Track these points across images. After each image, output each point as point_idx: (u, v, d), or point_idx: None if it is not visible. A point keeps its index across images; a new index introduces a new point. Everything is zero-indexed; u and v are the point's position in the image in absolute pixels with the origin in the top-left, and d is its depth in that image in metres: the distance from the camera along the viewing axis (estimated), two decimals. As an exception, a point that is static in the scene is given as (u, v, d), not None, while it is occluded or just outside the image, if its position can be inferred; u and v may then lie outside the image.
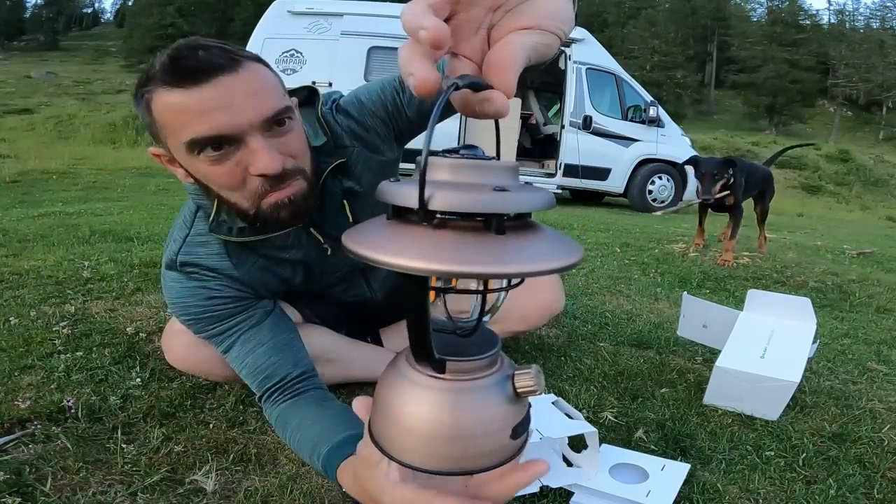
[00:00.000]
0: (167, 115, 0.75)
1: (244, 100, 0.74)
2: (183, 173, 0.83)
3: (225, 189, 0.80)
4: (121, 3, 54.23)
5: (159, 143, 0.80)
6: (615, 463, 0.94)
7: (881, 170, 19.14)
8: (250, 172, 0.77)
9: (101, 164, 7.74)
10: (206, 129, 0.73)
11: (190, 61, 0.73)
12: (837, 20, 44.39)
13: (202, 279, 0.91)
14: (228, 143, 0.75)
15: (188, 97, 0.72)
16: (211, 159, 0.76)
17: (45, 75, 24.26)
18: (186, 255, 0.90)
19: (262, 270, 0.94)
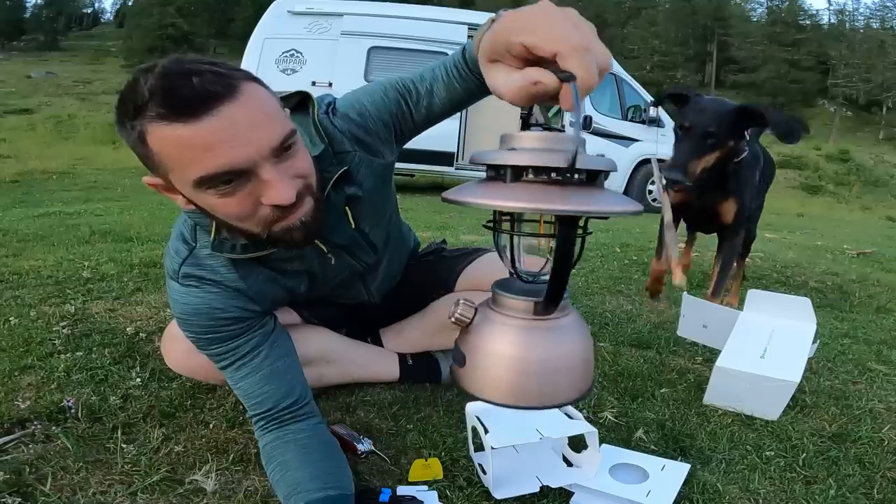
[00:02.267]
0: (168, 150, 0.69)
1: (250, 130, 0.70)
2: (183, 201, 0.77)
3: (233, 219, 0.76)
4: (121, 3, 54.23)
5: (156, 174, 0.75)
6: (615, 463, 0.94)
7: (881, 170, 19.14)
8: (263, 203, 0.73)
9: (101, 164, 7.75)
10: (215, 165, 0.69)
11: (184, 91, 0.66)
12: (837, 20, 44.38)
13: (208, 294, 0.87)
14: (237, 177, 0.71)
15: (189, 131, 0.67)
16: (220, 193, 0.71)
17: (45, 75, 24.25)
18: (192, 266, 0.87)
19: (268, 282, 0.92)
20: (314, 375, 1.10)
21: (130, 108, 0.68)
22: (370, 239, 1.01)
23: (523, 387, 0.49)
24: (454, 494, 0.87)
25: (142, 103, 0.67)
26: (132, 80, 0.69)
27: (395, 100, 0.91)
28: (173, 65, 0.69)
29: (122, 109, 0.70)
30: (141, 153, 0.72)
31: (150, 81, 0.67)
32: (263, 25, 6.26)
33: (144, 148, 0.70)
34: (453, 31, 6.34)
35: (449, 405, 1.15)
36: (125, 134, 0.72)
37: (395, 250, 1.16)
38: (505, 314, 0.51)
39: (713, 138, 1.54)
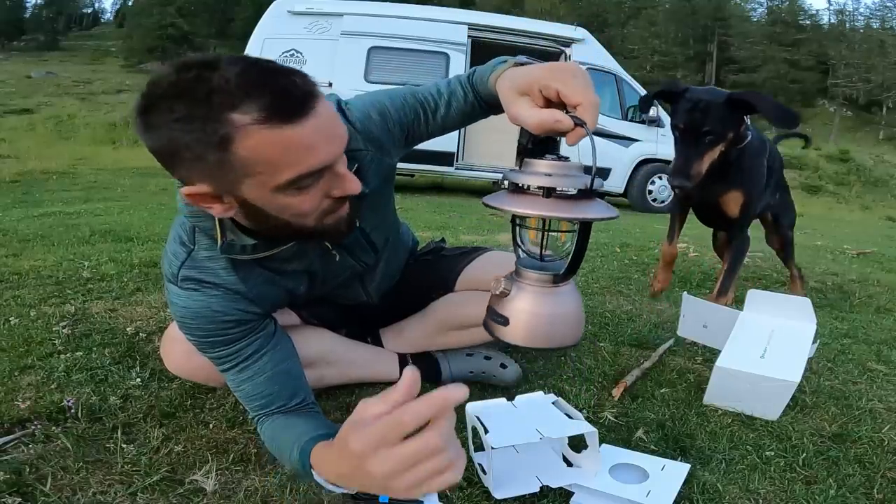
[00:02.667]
0: (266, 154, 0.66)
1: (335, 126, 0.72)
2: (222, 209, 0.74)
3: (295, 215, 0.75)
4: (121, 3, 54.21)
5: (210, 181, 0.70)
6: (615, 463, 0.94)
7: (881, 170, 19.13)
8: (334, 195, 0.75)
9: (101, 164, 7.75)
10: (313, 164, 0.69)
11: (295, 90, 0.66)
12: (837, 20, 44.37)
13: (208, 297, 0.86)
14: (322, 173, 0.72)
15: (296, 132, 0.66)
16: (300, 191, 0.71)
17: (45, 75, 24.25)
18: (191, 269, 0.86)
19: (267, 283, 0.91)
20: (314, 377, 1.10)
21: (216, 102, 0.63)
22: (370, 239, 1.03)
23: (552, 333, 0.68)
24: (454, 494, 0.87)
25: (237, 101, 0.63)
26: (195, 72, 0.64)
27: (414, 107, 0.95)
28: (250, 62, 0.67)
29: (192, 105, 0.64)
30: (210, 160, 0.66)
31: (240, 78, 0.64)
32: (263, 25, 6.27)
33: (222, 153, 0.65)
34: (453, 31, 6.35)
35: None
36: (200, 143, 0.65)
37: (393, 251, 1.17)
38: (533, 285, 0.69)
39: (710, 135, 1.52)
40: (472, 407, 0.96)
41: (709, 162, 1.55)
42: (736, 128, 1.55)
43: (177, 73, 0.65)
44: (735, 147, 1.60)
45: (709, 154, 1.54)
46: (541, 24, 7.37)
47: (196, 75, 0.64)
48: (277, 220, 0.76)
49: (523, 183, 0.65)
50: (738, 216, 1.70)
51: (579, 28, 6.80)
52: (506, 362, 1.25)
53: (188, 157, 0.67)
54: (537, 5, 35.89)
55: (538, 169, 0.66)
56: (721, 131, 1.52)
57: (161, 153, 0.68)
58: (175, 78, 0.65)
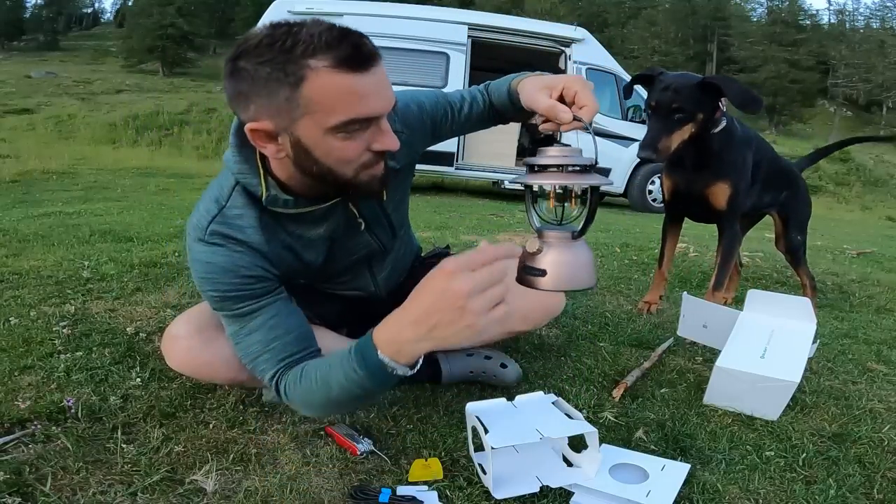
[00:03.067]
0: (329, 94, 0.78)
1: (387, 87, 0.84)
2: (275, 149, 0.84)
3: (341, 162, 0.84)
4: (121, 3, 54.20)
5: (275, 119, 0.81)
6: (615, 463, 0.94)
7: (881, 170, 19.13)
8: (373, 149, 0.85)
9: (101, 164, 7.75)
10: (364, 111, 0.81)
11: (364, 47, 0.79)
12: (837, 20, 44.39)
13: (233, 253, 0.91)
14: (368, 123, 0.83)
15: (357, 80, 0.79)
16: (346, 136, 0.82)
17: (45, 75, 24.23)
18: (220, 225, 0.91)
19: (286, 249, 0.97)
20: None
21: (298, 51, 0.77)
22: (390, 218, 1.09)
23: (581, 277, 0.83)
24: (454, 494, 0.87)
25: (316, 50, 0.77)
26: (287, 28, 0.78)
27: (444, 106, 1.11)
28: (331, 24, 0.81)
29: (278, 53, 0.77)
30: (283, 96, 0.78)
31: (324, 34, 0.78)
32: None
33: (292, 91, 0.78)
34: (453, 31, 6.35)
35: (449, 405, 1.15)
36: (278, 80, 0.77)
37: (403, 244, 1.22)
38: (560, 241, 0.83)
39: (680, 113, 1.56)
40: (472, 407, 0.96)
41: (679, 140, 1.59)
42: (708, 110, 1.60)
43: (271, 28, 0.80)
44: (709, 132, 1.64)
45: (679, 132, 1.58)
46: (541, 24, 7.37)
47: (286, 30, 0.79)
48: (321, 166, 0.85)
49: (543, 164, 0.81)
50: (725, 208, 1.73)
51: (579, 28, 6.80)
52: (506, 362, 1.25)
53: (263, 93, 0.79)
54: (537, 5, 35.90)
55: (552, 153, 0.81)
56: (691, 110, 1.57)
57: (240, 93, 0.81)
58: (269, 31, 0.79)
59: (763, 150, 1.84)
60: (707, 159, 1.68)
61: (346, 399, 0.87)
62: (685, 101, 1.55)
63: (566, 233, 0.84)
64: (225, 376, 1.03)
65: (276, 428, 1.03)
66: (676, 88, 1.55)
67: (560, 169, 0.81)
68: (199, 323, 1.02)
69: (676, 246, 2.00)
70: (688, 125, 1.59)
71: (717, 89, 1.56)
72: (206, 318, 1.03)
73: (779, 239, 2.06)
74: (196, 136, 14.14)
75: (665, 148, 1.58)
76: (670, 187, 1.81)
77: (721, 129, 1.65)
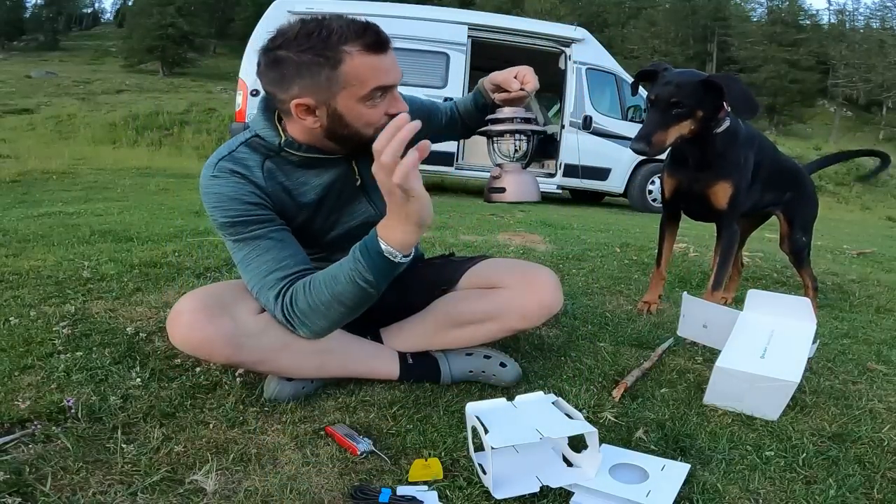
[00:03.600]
0: (362, 70, 1.00)
1: (397, 64, 1.06)
2: (313, 120, 1.04)
3: (365, 124, 1.04)
4: (121, 3, 54.19)
5: (317, 95, 1.01)
6: (615, 463, 0.94)
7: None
8: (389, 112, 1.03)
9: (101, 164, 7.75)
10: (387, 80, 1.03)
11: (381, 35, 1.02)
12: (837, 20, 44.36)
13: (237, 184, 1.07)
14: (387, 91, 1.05)
15: (381, 60, 1.02)
16: (372, 103, 1.03)
17: (45, 75, 24.22)
18: (228, 162, 1.08)
19: (284, 192, 1.11)
20: (315, 364, 1.13)
21: (334, 40, 0.98)
22: None
23: (531, 191, 1.22)
24: (454, 494, 0.87)
25: (348, 39, 0.99)
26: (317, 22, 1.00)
27: (436, 115, 1.39)
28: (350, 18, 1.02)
29: (316, 42, 0.98)
30: (324, 76, 0.99)
31: (351, 26, 1.00)
32: (263, 25, 6.25)
33: (331, 71, 0.99)
34: (453, 31, 6.35)
35: (449, 405, 1.15)
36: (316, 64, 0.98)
37: None
38: (514, 169, 1.26)
39: (678, 108, 1.53)
40: (472, 407, 0.96)
41: (675, 136, 1.56)
42: (709, 109, 1.57)
43: (302, 23, 1.01)
44: (712, 132, 1.62)
45: (675, 127, 1.55)
46: (541, 24, 7.37)
47: (318, 23, 0.99)
48: (351, 129, 1.05)
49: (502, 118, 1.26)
50: (725, 207, 1.71)
51: (579, 28, 6.79)
52: (505, 361, 1.25)
53: (307, 74, 0.99)
54: (537, 5, 35.89)
55: (507, 111, 1.26)
56: (690, 106, 1.54)
57: (283, 77, 1.01)
58: (302, 25, 1.00)
59: (765, 149, 1.83)
60: (710, 159, 1.67)
61: (349, 294, 1.02)
62: (685, 97, 1.53)
63: (517, 164, 1.22)
64: (222, 353, 1.03)
65: (276, 428, 1.03)
66: (678, 83, 1.53)
67: (512, 121, 1.24)
68: (203, 300, 1.04)
69: (674, 244, 1.99)
70: (686, 121, 1.56)
71: (718, 89, 1.53)
72: (211, 296, 1.06)
73: (783, 239, 2.03)
74: (196, 136, 14.15)
75: (659, 142, 1.55)
76: (672, 186, 1.80)
77: (724, 129, 1.63)
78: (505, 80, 1.26)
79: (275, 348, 1.07)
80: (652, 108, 1.58)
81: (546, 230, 3.64)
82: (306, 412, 1.09)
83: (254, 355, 1.06)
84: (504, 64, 1.36)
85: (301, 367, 1.11)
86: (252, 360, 1.07)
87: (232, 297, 1.08)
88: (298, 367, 1.11)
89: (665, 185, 1.83)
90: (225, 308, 1.04)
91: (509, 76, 1.26)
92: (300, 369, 1.12)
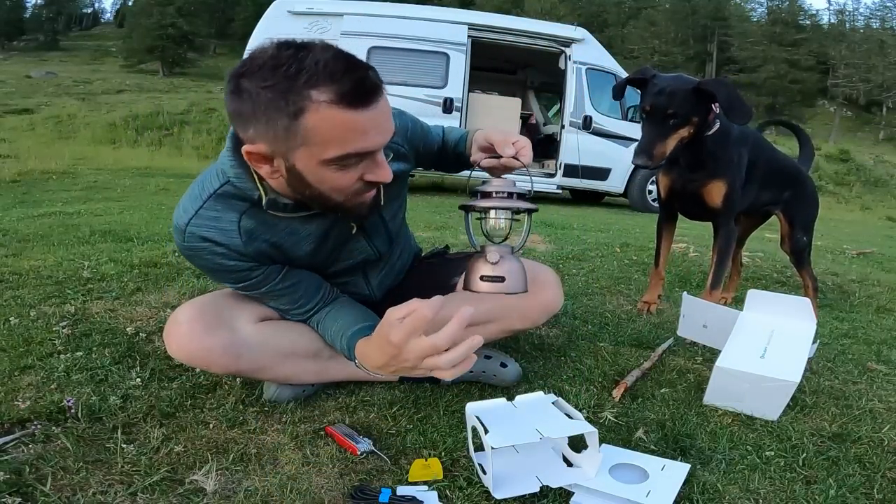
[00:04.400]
0: (326, 128, 0.78)
1: (388, 121, 0.85)
2: (269, 170, 0.86)
3: (333, 190, 0.87)
4: (121, 3, 54.24)
5: (272, 144, 0.81)
6: (615, 463, 0.94)
7: (881, 170, 19.13)
8: (368, 180, 0.87)
9: (101, 164, 7.75)
10: (361, 147, 0.82)
11: (366, 82, 0.79)
12: (837, 20, 44.37)
13: (214, 255, 0.96)
14: (365, 157, 0.84)
15: (357, 117, 0.79)
16: (341, 168, 0.83)
17: (45, 75, 24.22)
18: (197, 227, 0.94)
19: (272, 247, 1.00)
20: (317, 369, 1.12)
21: (301, 81, 0.76)
22: (388, 227, 1.13)
23: (524, 283, 1.00)
24: (454, 494, 0.87)
25: (319, 81, 0.76)
26: (293, 52, 0.77)
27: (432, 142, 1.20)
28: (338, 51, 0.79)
29: (281, 80, 0.76)
30: (280, 125, 0.78)
31: (329, 64, 0.77)
32: (263, 25, 6.26)
33: (291, 121, 0.78)
34: (453, 31, 6.34)
35: (449, 405, 1.15)
36: (277, 110, 0.77)
37: (400, 249, 1.26)
38: (505, 253, 0.99)
39: (674, 118, 1.55)
40: (472, 407, 0.96)
41: (674, 144, 1.58)
42: (702, 114, 1.59)
43: (277, 49, 0.79)
44: (704, 134, 1.63)
45: (673, 136, 1.57)
46: (541, 24, 7.37)
47: (293, 53, 0.77)
48: (313, 191, 0.87)
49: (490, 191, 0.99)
50: (721, 206, 1.72)
51: (579, 28, 6.79)
52: (506, 361, 1.25)
53: (262, 119, 0.79)
54: (537, 5, 35.91)
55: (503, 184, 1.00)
56: (686, 114, 1.55)
57: (240, 113, 0.81)
58: (275, 52, 0.78)
59: (761, 147, 1.83)
60: (702, 159, 1.68)
61: None
62: (679, 106, 1.54)
63: (507, 248, 1.00)
64: (220, 363, 1.02)
65: (276, 428, 1.03)
66: (671, 93, 1.53)
67: (510, 196, 0.98)
68: (201, 310, 1.02)
69: (672, 244, 2.00)
70: (682, 129, 1.58)
71: (710, 95, 1.54)
72: (208, 306, 1.04)
73: (784, 239, 2.03)
74: (196, 136, 14.14)
75: (660, 154, 1.57)
76: (666, 186, 1.81)
77: (715, 132, 1.64)
78: (500, 143, 1.05)
79: (274, 358, 1.06)
80: (647, 120, 1.58)
81: (546, 230, 3.64)
82: (306, 412, 1.09)
83: (253, 365, 1.05)
84: (504, 64, 1.32)
85: (301, 375, 1.11)
86: (251, 369, 1.06)
87: (230, 306, 1.06)
88: (298, 375, 1.11)
89: (660, 186, 1.84)
90: (222, 319, 1.02)
91: (507, 140, 1.05)
92: (300, 376, 1.11)
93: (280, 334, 1.07)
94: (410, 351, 0.83)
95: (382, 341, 0.86)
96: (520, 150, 1.03)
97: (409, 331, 0.82)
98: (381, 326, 0.88)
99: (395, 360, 0.86)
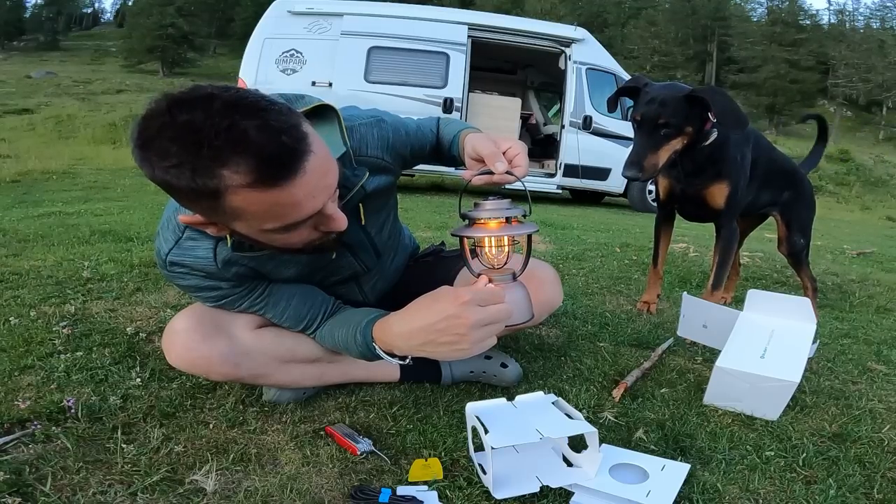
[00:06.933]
0: (257, 208, 0.72)
1: (323, 178, 0.75)
2: (216, 230, 0.82)
3: (286, 244, 0.83)
4: (121, 3, 54.27)
5: (207, 215, 0.77)
6: (615, 463, 0.94)
7: (881, 170, 19.15)
8: (322, 231, 0.83)
9: (101, 164, 7.75)
10: (297, 217, 0.75)
11: (284, 155, 0.68)
12: (837, 20, 44.38)
13: (196, 279, 0.96)
14: (309, 218, 0.78)
15: (282, 194, 0.70)
16: (286, 230, 0.78)
17: (45, 75, 24.25)
18: (178, 256, 0.94)
19: (251, 271, 0.98)
20: (316, 374, 1.12)
21: (205, 156, 0.65)
22: (374, 241, 1.10)
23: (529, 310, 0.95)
24: (454, 494, 0.87)
25: (227, 158, 0.66)
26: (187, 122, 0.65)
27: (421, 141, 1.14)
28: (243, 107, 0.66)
29: (184, 157, 0.66)
30: (205, 204, 0.72)
31: (231, 132, 0.65)
32: (263, 25, 6.26)
33: (213, 201, 0.70)
34: (453, 31, 6.34)
35: (449, 405, 1.15)
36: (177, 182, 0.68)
37: (394, 254, 1.24)
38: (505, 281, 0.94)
39: (667, 128, 1.51)
40: (472, 407, 0.96)
41: (667, 156, 1.53)
42: (697, 123, 1.53)
43: (169, 114, 0.66)
44: (701, 145, 1.59)
45: (666, 147, 1.52)
46: (541, 24, 7.36)
47: (187, 121, 0.65)
48: (268, 247, 0.86)
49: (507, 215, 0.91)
50: (723, 207, 1.69)
51: (579, 28, 6.79)
52: (506, 361, 1.25)
53: (183, 198, 0.74)
54: (537, 5, 35.91)
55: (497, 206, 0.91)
56: (678, 124, 1.51)
57: (160, 186, 0.71)
58: (168, 119, 0.66)
59: (761, 147, 1.81)
60: (702, 164, 1.65)
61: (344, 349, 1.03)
62: (671, 115, 1.49)
63: (508, 275, 0.94)
64: (219, 371, 1.02)
65: (276, 428, 1.03)
66: (662, 101, 1.49)
67: (507, 221, 0.90)
68: (199, 318, 1.01)
69: (670, 243, 1.99)
70: (675, 139, 1.53)
71: (703, 102, 1.49)
72: (206, 313, 1.03)
73: (781, 242, 2.00)
74: (196, 136, 14.12)
75: (651, 166, 1.52)
76: (665, 188, 1.80)
77: (713, 141, 1.60)
78: (490, 157, 0.95)
79: (273, 364, 1.05)
80: (639, 130, 1.54)
81: (546, 230, 3.64)
82: (306, 412, 1.09)
83: (252, 371, 1.04)
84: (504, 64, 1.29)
85: (301, 379, 1.10)
86: (250, 375, 1.05)
87: (227, 313, 1.04)
88: (298, 380, 1.10)
89: (659, 187, 1.83)
90: (220, 326, 1.01)
91: (497, 153, 0.95)
92: (300, 381, 1.11)
93: (279, 340, 1.06)
94: (476, 312, 0.83)
95: (442, 303, 0.85)
96: (513, 161, 0.96)
97: (486, 296, 0.85)
98: (439, 291, 0.88)
99: (446, 322, 0.84)
